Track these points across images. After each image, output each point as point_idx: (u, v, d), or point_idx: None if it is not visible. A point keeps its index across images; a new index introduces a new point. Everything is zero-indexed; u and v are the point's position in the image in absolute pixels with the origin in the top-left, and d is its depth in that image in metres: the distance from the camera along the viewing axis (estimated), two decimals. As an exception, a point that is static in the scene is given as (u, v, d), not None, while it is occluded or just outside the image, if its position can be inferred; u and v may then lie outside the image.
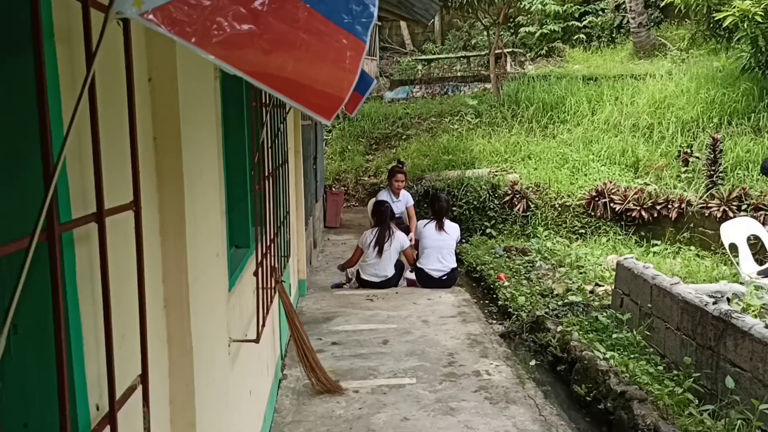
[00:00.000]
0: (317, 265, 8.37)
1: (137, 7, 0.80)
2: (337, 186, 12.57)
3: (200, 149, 1.99)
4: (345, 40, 0.97)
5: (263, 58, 0.91)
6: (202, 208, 1.96)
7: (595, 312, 6.21)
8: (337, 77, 0.98)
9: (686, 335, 4.92)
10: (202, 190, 1.98)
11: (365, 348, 5.18)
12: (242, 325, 2.99)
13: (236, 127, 3.10)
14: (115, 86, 1.39)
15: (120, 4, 0.82)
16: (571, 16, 18.25)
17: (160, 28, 0.82)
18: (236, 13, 0.88)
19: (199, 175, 1.94)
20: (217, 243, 2.18)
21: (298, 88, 0.96)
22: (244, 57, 0.89)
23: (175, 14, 0.83)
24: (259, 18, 0.90)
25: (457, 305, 6.35)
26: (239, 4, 0.89)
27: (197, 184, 1.90)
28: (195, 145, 1.91)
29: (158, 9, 0.82)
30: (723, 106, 10.96)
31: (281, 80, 0.94)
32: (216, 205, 2.24)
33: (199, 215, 1.89)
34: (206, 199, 2.05)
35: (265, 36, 0.91)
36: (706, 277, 7.16)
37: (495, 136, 12.45)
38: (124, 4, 0.81)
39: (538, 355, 5.99)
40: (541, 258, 8.45)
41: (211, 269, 2.09)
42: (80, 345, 1.19)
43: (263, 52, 0.91)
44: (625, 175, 10.33)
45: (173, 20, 0.83)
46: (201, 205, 1.95)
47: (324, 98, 0.98)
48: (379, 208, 7.01)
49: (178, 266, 1.71)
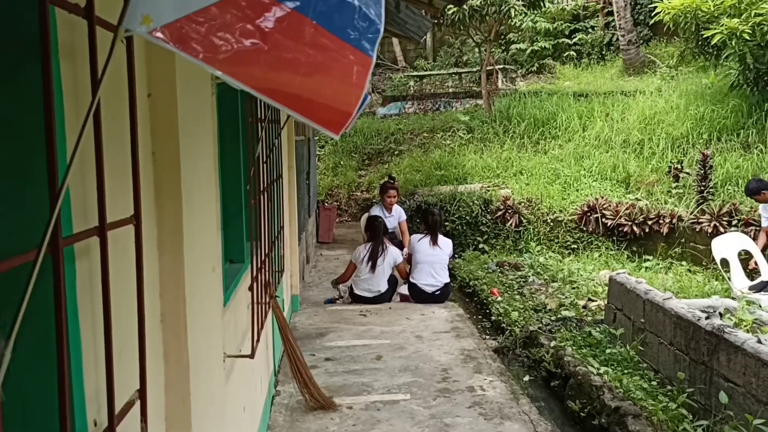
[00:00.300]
0: (310, 281, 8.35)
1: (146, 25, 0.81)
2: (329, 201, 12.59)
3: (198, 164, 2.00)
4: (352, 56, 0.99)
5: (271, 73, 0.92)
6: (199, 223, 1.96)
7: (588, 327, 6.22)
8: (345, 92, 0.99)
9: (679, 350, 4.94)
10: (199, 205, 1.98)
11: (359, 364, 5.16)
12: (236, 341, 2.98)
13: (232, 142, 3.11)
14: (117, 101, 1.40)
15: (130, 22, 0.82)
16: (561, 33, 18.44)
17: (169, 45, 0.83)
18: (243, 30, 0.90)
19: (196, 189, 1.94)
20: (213, 258, 2.17)
21: (306, 103, 0.97)
22: (252, 73, 0.90)
23: (183, 31, 0.84)
24: (266, 34, 0.91)
25: (451, 320, 6.34)
26: (246, 21, 0.90)
27: (195, 199, 1.90)
28: (193, 160, 1.91)
29: (167, 27, 0.83)
30: (712, 123, 11.07)
31: (289, 96, 0.95)
32: (213, 219, 2.24)
33: (196, 230, 1.89)
34: (203, 214, 2.05)
35: (272, 52, 0.92)
36: (698, 292, 7.20)
37: (487, 152, 12.52)
38: (133, 23, 0.82)
39: (532, 371, 5.99)
40: (533, 273, 8.47)
41: (208, 284, 2.09)
42: (79, 360, 1.19)
43: (270, 68, 0.92)
44: (617, 191, 10.39)
45: (181, 37, 0.84)
46: (198, 220, 1.95)
47: (332, 113, 1.00)
48: (373, 223, 7.01)
49: (176, 281, 1.71)
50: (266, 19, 0.92)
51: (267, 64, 0.92)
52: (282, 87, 0.93)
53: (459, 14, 12.51)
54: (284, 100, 0.94)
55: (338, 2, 0.98)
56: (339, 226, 11.94)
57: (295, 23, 0.95)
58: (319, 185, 12.42)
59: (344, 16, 0.99)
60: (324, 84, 0.98)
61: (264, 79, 0.92)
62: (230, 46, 0.88)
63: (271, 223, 3.66)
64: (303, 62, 0.95)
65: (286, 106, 0.93)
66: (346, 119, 0.99)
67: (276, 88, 0.93)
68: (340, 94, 0.99)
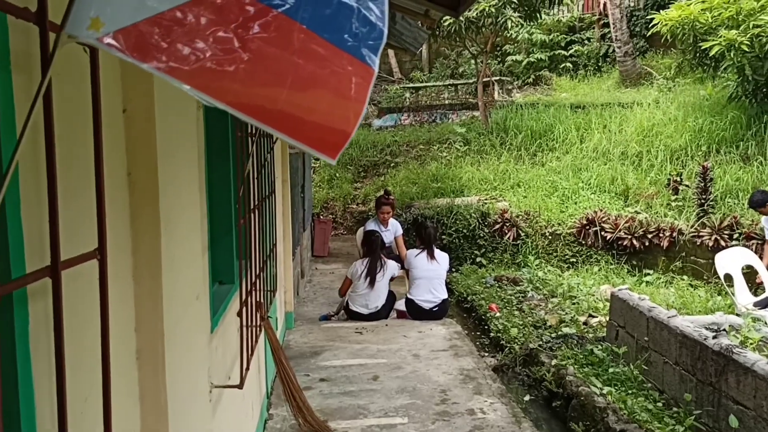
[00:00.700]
0: (305, 296, 8.18)
1: (94, 30, 0.66)
2: (325, 214, 12.42)
3: (180, 184, 1.84)
4: (350, 65, 0.83)
5: (252, 88, 0.77)
6: (180, 248, 1.80)
7: (590, 345, 6.06)
8: (342, 108, 0.83)
9: (685, 370, 4.78)
10: (181, 229, 1.83)
11: (354, 385, 4.98)
12: (225, 367, 2.81)
13: (221, 158, 2.96)
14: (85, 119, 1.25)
15: (74, 26, 0.66)
16: (557, 45, 18.39)
17: (124, 54, 0.68)
18: (218, 37, 0.74)
19: (178, 212, 1.79)
20: (197, 284, 2.01)
21: (295, 121, 0.81)
22: (229, 87, 0.75)
23: (142, 38, 0.69)
24: (246, 41, 0.76)
25: (449, 338, 6.18)
26: (222, 26, 0.75)
27: (176, 222, 1.75)
28: (174, 180, 1.76)
29: (121, 32, 0.67)
30: (711, 135, 10.97)
31: (274, 114, 0.79)
32: (197, 242, 2.08)
33: (177, 256, 1.73)
34: (186, 238, 1.89)
35: (253, 62, 0.76)
36: (701, 308, 7.05)
37: (484, 164, 12.39)
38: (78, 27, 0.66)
39: (533, 390, 5.82)
40: (532, 288, 8.31)
41: (191, 313, 1.92)
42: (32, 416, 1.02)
43: (252, 81, 0.77)
44: (615, 204, 10.26)
45: (140, 45, 0.69)
46: (180, 245, 1.79)
47: (326, 133, 0.84)
48: (370, 237, 6.85)
49: (153, 314, 1.55)
50: (246, 24, 0.77)
51: (247, 76, 0.76)
52: (266, 103, 0.78)
53: (455, 26, 12.41)
54: (269, 118, 0.78)
55: (333, 3, 0.82)
56: (334, 239, 11.77)
57: (281, 28, 0.80)
58: (314, 198, 12.26)
59: (340, 19, 0.84)
60: (316, 99, 0.82)
61: (244, 94, 0.76)
62: (202, 55, 0.72)
63: (262, 241, 3.50)
64: (291, 74, 0.79)
65: (270, 126, 0.78)
66: (344, 140, 0.84)
67: (259, 104, 0.77)
68: (335, 111, 0.83)
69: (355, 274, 6.60)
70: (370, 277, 6.53)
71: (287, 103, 0.79)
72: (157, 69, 0.69)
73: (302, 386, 4.45)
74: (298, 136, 0.80)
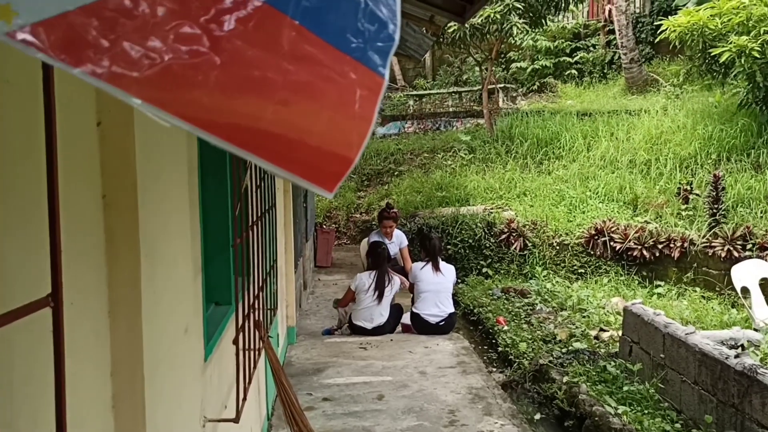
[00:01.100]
0: (307, 308, 7.98)
1: (3, 22, 0.47)
2: (327, 224, 12.24)
3: (167, 205, 1.66)
4: (353, 73, 0.63)
5: (225, 101, 0.58)
6: (166, 277, 1.62)
7: (603, 361, 5.85)
8: (343, 127, 0.64)
9: (705, 390, 4.57)
10: (168, 254, 1.64)
11: (359, 404, 4.78)
12: (221, 396, 2.62)
13: (216, 170, 2.77)
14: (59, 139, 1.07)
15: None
16: (562, 51, 18.21)
17: (47, 56, 0.49)
18: (181, 34, 0.56)
19: (164, 236, 1.60)
20: (186, 315, 1.83)
21: (282, 145, 0.62)
22: (194, 101, 0.56)
23: (74, 33, 0.50)
24: (218, 40, 0.58)
25: (456, 354, 5.97)
26: (186, 19, 0.56)
27: (161, 248, 1.56)
28: (160, 200, 1.57)
29: (43, 24, 0.49)
30: (721, 142, 10.76)
31: (255, 134, 0.60)
32: (187, 267, 1.89)
33: (161, 286, 1.55)
34: (174, 264, 1.71)
35: (229, 68, 0.58)
36: (716, 322, 6.84)
37: (489, 173, 12.19)
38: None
39: (543, 408, 5.62)
40: (541, 300, 8.10)
41: (179, 348, 1.74)
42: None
43: (226, 93, 0.58)
44: (624, 213, 10.05)
45: (71, 43, 0.50)
46: (165, 273, 1.61)
47: (323, 159, 0.65)
48: (376, 250, 6.64)
49: (132, 355, 1.36)
50: (220, 17, 0.58)
51: (220, 86, 0.58)
52: (245, 122, 0.59)
53: (459, 33, 12.25)
54: (248, 141, 0.59)
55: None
56: (337, 249, 11.58)
57: (266, 24, 0.61)
58: (317, 207, 12.07)
59: (342, 14, 0.65)
60: (311, 116, 0.63)
61: (215, 110, 0.57)
62: (158, 57, 0.54)
63: (263, 258, 3.31)
64: (278, 83, 0.61)
65: (250, 151, 0.59)
66: (345, 169, 0.65)
67: (235, 123, 0.58)
68: (335, 132, 0.64)
69: (362, 288, 6.39)
70: (379, 291, 6.33)
71: (273, 122, 0.60)
72: (93, 75, 0.51)
73: (305, 406, 4.26)
74: (286, 164, 0.61)
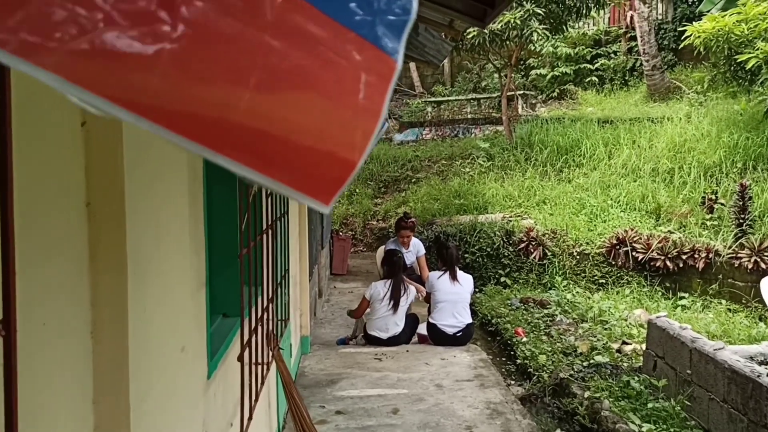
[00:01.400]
0: (322, 317, 7.85)
1: None
2: (344, 231, 12.10)
3: (161, 213, 1.53)
4: (358, 53, 0.48)
5: (186, 86, 0.44)
6: (159, 292, 1.49)
7: (626, 375, 5.65)
8: (344, 122, 0.48)
9: (735, 409, 4.36)
10: (161, 268, 1.51)
11: (373, 418, 4.63)
12: (227, 414, 2.48)
13: (224, 176, 2.65)
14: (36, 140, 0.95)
15: None
16: (582, 58, 17.98)
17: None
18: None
19: (158, 248, 1.47)
20: (184, 333, 1.70)
21: (263, 143, 0.47)
22: (142, 83, 0.42)
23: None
24: (176, 6, 0.44)
25: (474, 366, 5.80)
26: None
27: (153, 261, 1.43)
28: (152, 207, 1.45)
29: None
30: (747, 151, 10.49)
31: (226, 129, 0.46)
32: (186, 281, 1.76)
33: (152, 303, 1.41)
34: (169, 278, 1.58)
35: (191, 42, 0.44)
36: (744, 336, 6.59)
37: (508, 180, 12.00)
38: None
39: (563, 423, 5.43)
40: (561, 311, 7.90)
41: (175, 369, 1.61)
42: None
43: (186, 74, 0.44)
44: (646, 222, 9.81)
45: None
46: (158, 289, 1.48)
47: (317, 163, 0.49)
48: (391, 258, 6.50)
49: (117, 381, 1.23)
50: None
51: (178, 65, 0.43)
52: (209, 111, 0.45)
53: (479, 39, 12.09)
54: (216, 138, 0.45)
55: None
56: (354, 256, 11.44)
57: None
58: (333, 214, 11.95)
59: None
60: (301, 107, 0.48)
61: (172, 96, 0.44)
62: (89, 25, 0.40)
63: (273, 268, 3.18)
64: (259, 64, 0.47)
65: (217, 150, 0.45)
66: (345, 175, 0.50)
67: (194, 111, 0.44)
68: (333, 128, 0.49)
69: (377, 297, 6.25)
70: (394, 300, 6.19)
71: (249, 114, 0.45)
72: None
73: (317, 419, 4.12)
74: (266, 169, 0.46)
